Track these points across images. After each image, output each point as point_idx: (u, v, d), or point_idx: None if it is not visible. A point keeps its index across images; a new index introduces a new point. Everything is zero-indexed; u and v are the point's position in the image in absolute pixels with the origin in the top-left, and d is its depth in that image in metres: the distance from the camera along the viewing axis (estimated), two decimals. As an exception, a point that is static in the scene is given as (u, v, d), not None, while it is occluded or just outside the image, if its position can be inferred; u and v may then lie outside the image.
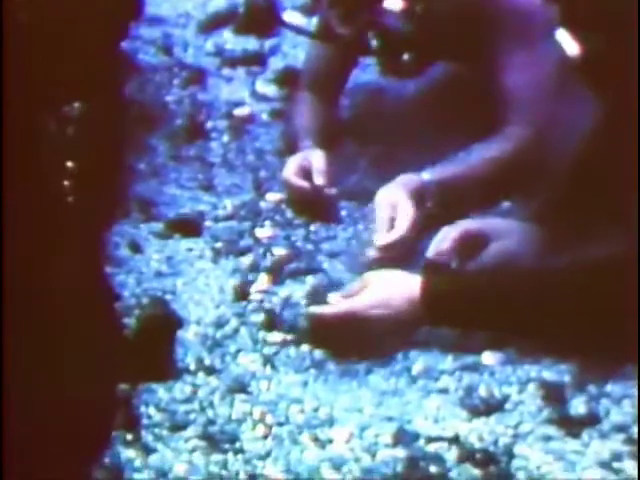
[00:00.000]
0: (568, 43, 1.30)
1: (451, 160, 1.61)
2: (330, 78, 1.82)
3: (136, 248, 1.57)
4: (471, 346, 1.34)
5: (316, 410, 1.26)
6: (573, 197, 1.45)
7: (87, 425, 1.07)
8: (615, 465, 1.17)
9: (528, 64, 1.62)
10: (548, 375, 1.29)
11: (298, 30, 1.78)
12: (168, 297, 1.44)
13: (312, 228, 1.64)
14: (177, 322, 1.35)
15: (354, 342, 1.34)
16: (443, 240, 1.47)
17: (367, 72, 1.98)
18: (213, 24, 2.17)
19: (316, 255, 1.56)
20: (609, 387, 1.27)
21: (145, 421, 1.23)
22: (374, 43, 1.71)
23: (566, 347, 1.31)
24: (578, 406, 1.24)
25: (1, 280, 0.97)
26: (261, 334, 1.40)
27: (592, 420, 1.22)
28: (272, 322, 1.41)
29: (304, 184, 1.65)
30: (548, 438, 1.21)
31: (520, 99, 1.63)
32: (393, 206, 1.52)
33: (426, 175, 1.57)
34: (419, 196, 1.55)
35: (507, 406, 1.25)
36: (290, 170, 1.67)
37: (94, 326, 1.12)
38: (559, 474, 1.15)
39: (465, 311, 1.31)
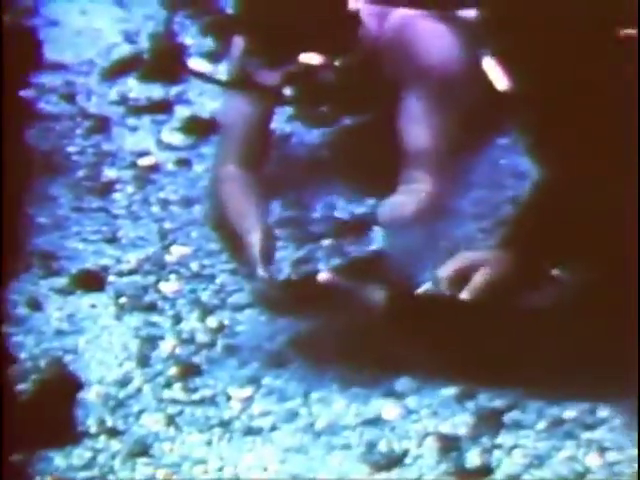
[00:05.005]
0: (496, 75, 1.21)
1: None
2: (254, 146, 1.75)
3: (35, 306, 1.54)
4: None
5: (220, 470, 1.26)
6: (543, 224, 1.39)
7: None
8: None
9: (432, 117, 1.67)
10: (444, 428, 1.33)
11: (206, 78, 1.77)
12: (69, 357, 1.42)
13: (218, 281, 1.64)
14: (77, 384, 1.32)
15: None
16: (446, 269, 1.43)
17: (274, 120, 2.01)
18: (117, 71, 2.16)
19: (222, 308, 1.57)
20: (500, 438, 1.31)
21: (42, 492, 1.20)
22: (291, 92, 1.73)
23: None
24: (473, 458, 1.28)
25: None
26: (165, 392, 1.39)
27: (485, 471, 1.26)
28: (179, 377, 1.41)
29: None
30: (447, 490, 1.25)
31: (423, 153, 1.67)
32: None
33: None
34: None
35: (407, 460, 1.28)
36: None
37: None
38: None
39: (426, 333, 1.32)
